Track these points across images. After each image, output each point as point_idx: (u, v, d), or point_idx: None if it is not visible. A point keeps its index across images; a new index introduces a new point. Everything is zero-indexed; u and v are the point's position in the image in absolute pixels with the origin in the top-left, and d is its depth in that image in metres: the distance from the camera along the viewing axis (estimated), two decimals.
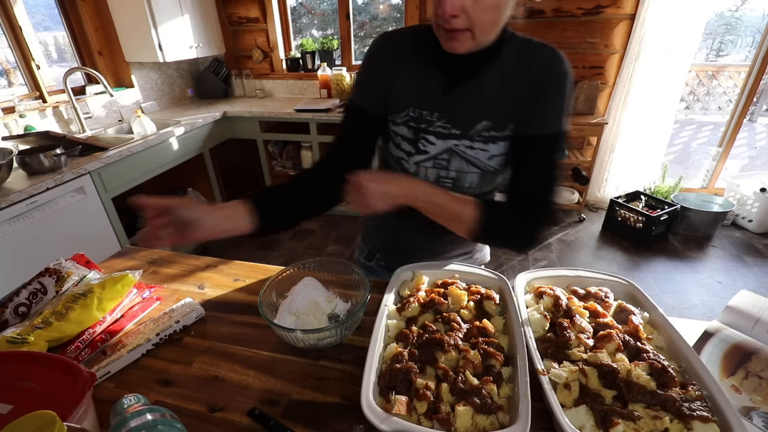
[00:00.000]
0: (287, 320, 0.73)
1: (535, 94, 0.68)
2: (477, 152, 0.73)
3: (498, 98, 0.69)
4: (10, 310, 0.77)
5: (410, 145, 0.76)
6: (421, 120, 0.73)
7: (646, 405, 0.54)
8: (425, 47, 0.71)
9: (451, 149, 0.74)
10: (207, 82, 3.29)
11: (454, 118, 0.71)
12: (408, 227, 0.88)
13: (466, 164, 0.74)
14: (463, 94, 0.70)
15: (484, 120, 0.70)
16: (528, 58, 0.68)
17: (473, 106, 0.70)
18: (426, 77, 0.72)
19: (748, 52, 6.53)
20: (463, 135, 0.72)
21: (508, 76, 0.68)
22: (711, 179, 3.13)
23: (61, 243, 1.77)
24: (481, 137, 0.72)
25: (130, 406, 0.47)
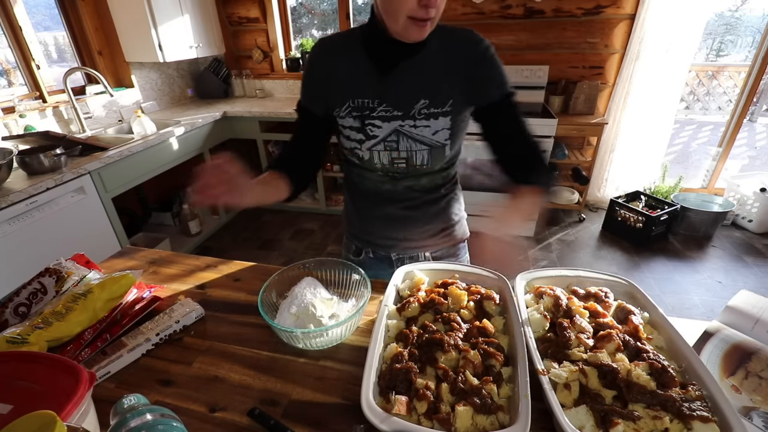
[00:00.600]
0: (287, 320, 0.73)
1: (472, 67, 0.77)
2: (421, 129, 0.79)
3: (432, 76, 0.77)
4: (10, 310, 0.77)
5: (359, 133, 0.81)
6: (364, 108, 0.79)
7: (646, 405, 0.54)
8: (356, 44, 0.79)
9: (397, 130, 0.79)
10: (207, 82, 3.29)
11: (394, 101, 0.78)
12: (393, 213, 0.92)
13: (414, 143, 0.80)
14: (398, 77, 0.77)
15: (422, 98, 0.77)
16: (450, 38, 0.78)
17: (409, 87, 0.77)
18: (360, 69, 0.79)
19: (748, 52, 6.52)
20: (405, 115, 0.78)
21: (437, 56, 0.77)
22: (711, 179, 3.13)
23: (61, 243, 1.77)
24: (422, 114, 0.78)
25: (130, 406, 0.47)
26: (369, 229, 0.97)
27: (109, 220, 2.02)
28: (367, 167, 0.86)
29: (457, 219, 0.99)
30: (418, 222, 0.93)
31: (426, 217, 0.93)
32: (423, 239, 0.95)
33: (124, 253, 1.08)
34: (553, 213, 3.14)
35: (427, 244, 0.97)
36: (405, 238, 0.95)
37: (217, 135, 2.85)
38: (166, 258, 1.05)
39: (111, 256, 1.06)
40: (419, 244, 0.96)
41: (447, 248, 1.00)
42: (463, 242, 1.03)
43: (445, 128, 0.79)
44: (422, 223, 0.93)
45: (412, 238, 0.95)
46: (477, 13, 2.82)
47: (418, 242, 0.96)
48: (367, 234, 0.98)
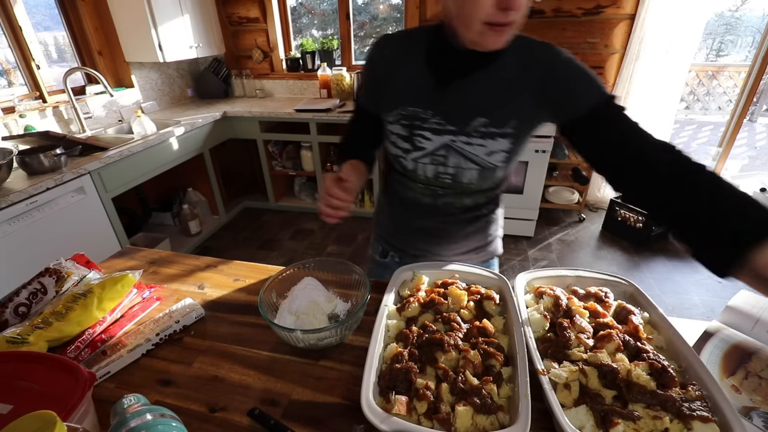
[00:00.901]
0: (287, 320, 0.73)
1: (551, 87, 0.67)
2: (475, 148, 0.73)
3: (497, 94, 0.70)
4: (10, 310, 0.77)
5: (405, 142, 0.78)
6: (415, 117, 0.75)
7: (646, 405, 0.54)
8: (418, 48, 0.73)
9: (448, 145, 0.74)
10: (207, 82, 3.29)
11: (449, 115, 0.73)
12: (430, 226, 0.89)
13: (463, 160, 0.75)
14: (459, 90, 0.71)
15: (481, 117, 0.71)
16: (527, 53, 0.69)
17: (469, 103, 0.71)
18: (418, 76, 0.74)
19: (748, 52, 6.52)
20: (459, 131, 0.73)
21: (508, 72, 0.69)
22: None
23: (61, 243, 1.77)
24: (479, 133, 0.72)
25: (130, 406, 0.47)
26: (401, 237, 0.95)
27: (109, 220, 2.02)
28: (410, 177, 0.83)
29: (491, 239, 0.95)
30: (453, 238, 0.90)
31: (461, 235, 0.90)
32: (454, 255, 0.93)
33: (124, 253, 1.08)
34: (553, 213, 3.14)
35: (457, 259, 0.92)
36: (436, 253, 0.92)
37: (217, 135, 2.85)
38: (166, 258, 1.05)
39: (111, 256, 1.06)
40: (449, 259, 0.93)
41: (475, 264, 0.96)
42: (493, 258, 0.98)
43: (501, 150, 0.73)
44: (456, 240, 0.91)
45: (443, 253, 0.92)
46: None
47: (448, 256, 0.93)
48: (398, 241, 0.97)
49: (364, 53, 3.36)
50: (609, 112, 0.66)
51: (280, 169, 3.20)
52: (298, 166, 3.17)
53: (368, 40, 3.38)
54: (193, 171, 2.86)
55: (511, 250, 2.72)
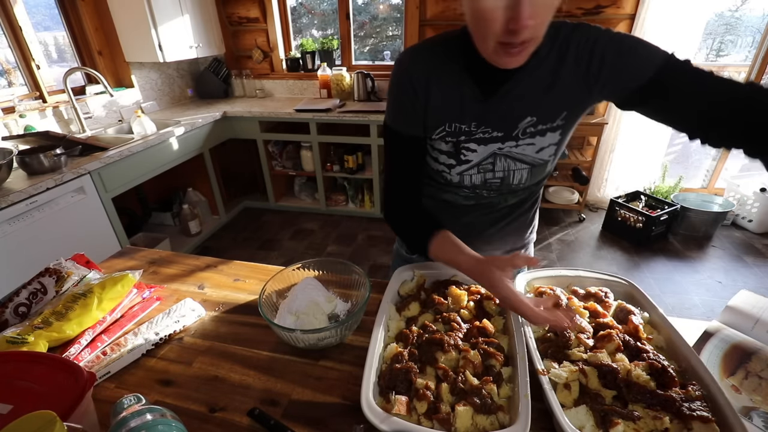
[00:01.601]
0: (287, 320, 0.73)
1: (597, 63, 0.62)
2: (524, 148, 0.70)
3: (542, 92, 0.66)
4: (10, 310, 0.77)
5: (450, 158, 0.73)
6: (459, 133, 0.70)
7: (646, 405, 0.54)
8: (454, 58, 0.67)
9: (495, 153, 0.71)
10: (207, 82, 3.29)
11: (496, 123, 0.69)
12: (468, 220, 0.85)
13: (513, 162, 0.72)
14: (502, 98, 0.67)
15: (528, 116, 0.67)
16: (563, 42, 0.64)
17: (513, 108, 0.67)
18: (460, 89, 0.68)
19: (748, 52, 6.51)
20: (506, 137, 0.69)
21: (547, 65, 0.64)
22: (711, 179, 3.13)
23: (61, 243, 1.77)
24: (527, 133, 0.69)
25: (130, 406, 0.47)
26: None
27: (109, 220, 2.02)
28: (453, 186, 0.78)
29: (526, 242, 0.92)
30: (490, 238, 0.87)
31: (498, 235, 0.87)
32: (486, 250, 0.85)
33: (124, 253, 1.08)
34: (553, 213, 3.14)
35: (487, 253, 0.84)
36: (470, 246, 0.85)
37: (217, 135, 2.85)
38: (166, 258, 1.05)
39: (111, 256, 1.06)
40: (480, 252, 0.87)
41: None
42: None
43: (551, 144, 0.70)
44: (492, 241, 0.87)
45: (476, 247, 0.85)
46: None
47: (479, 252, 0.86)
48: None
49: (364, 53, 3.36)
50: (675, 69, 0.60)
51: (280, 169, 3.20)
52: (298, 166, 3.17)
53: (368, 40, 3.38)
54: (193, 171, 2.86)
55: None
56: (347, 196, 3.23)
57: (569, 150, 2.98)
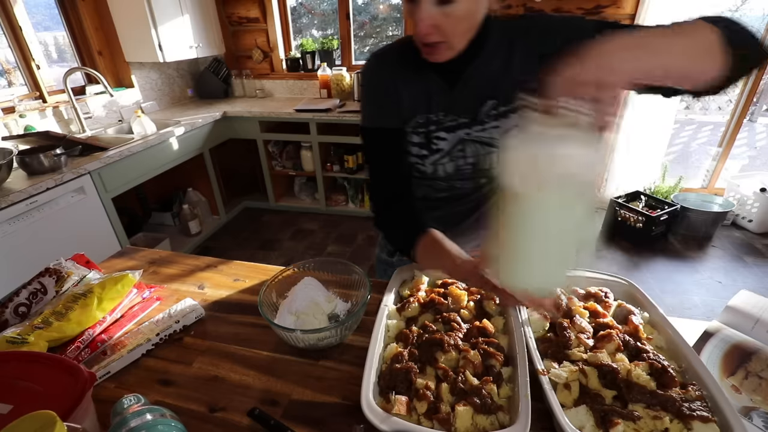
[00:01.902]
0: (287, 320, 0.73)
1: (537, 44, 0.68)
2: (490, 131, 0.74)
3: (498, 76, 0.71)
4: (10, 310, 0.77)
5: (422, 149, 0.78)
6: (429, 123, 0.75)
7: (646, 405, 0.54)
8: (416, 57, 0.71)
9: (463, 138, 0.75)
10: (207, 82, 3.29)
11: (460, 110, 0.74)
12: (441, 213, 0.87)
13: (481, 147, 0.76)
14: (465, 85, 0.72)
15: (489, 100, 0.72)
16: (511, 29, 0.71)
17: (475, 92, 0.73)
18: (426, 83, 0.74)
19: None
20: (472, 122, 0.74)
21: (499, 51, 0.70)
22: (711, 179, 3.13)
23: (61, 243, 1.77)
24: (491, 116, 0.73)
25: (130, 406, 0.47)
26: None
27: (109, 220, 2.02)
28: (427, 178, 0.82)
29: None
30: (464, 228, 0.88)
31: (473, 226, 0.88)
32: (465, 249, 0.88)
33: (124, 253, 1.08)
34: None
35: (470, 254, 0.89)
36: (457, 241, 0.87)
37: (217, 135, 2.85)
38: (166, 258, 1.05)
39: (111, 256, 1.06)
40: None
41: None
42: None
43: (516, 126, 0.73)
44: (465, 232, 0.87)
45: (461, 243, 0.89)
46: None
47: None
48: None
49: (364, 53, 3.36)
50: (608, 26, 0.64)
51: (280, 169, 3.20)
52: (298, 166, 3.17)
53: (368, 40, 3.38)
54: (193, 171, 2.86)
55: None
56: (347, 196, 3.23)
57: None
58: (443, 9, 0.59)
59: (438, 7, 0.59)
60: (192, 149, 2.62)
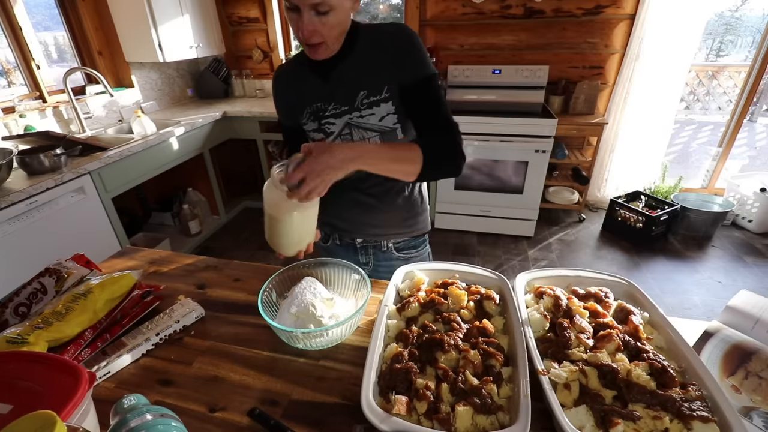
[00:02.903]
0: (287, 320, 0.73)
1: (398, 55, 0.83)
2: (368, 118, 0.87)
3: (366, 69, 0.85)
4: (10, 310, 0.77)
5: (319, 133, 0.91)
6: (318, 110, 0.90)
7: (646, 405, 0.54)
8: (303, 62, 0.90)
9: (349, 123, 0.88)
10: (207, 82, 3.29)
11: (340, 98, 0.88)
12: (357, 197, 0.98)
13: (365, 132, 0.88)
14: (339, 78, 0.87)
15: (361, 90, 0.86)
16: (378, 34, 0.85)
17: (350, 83, 0.86)
18: (309, 80, 0.90)
19: (748, 52, 6.52)
20: (351, 108, 0.87)
21: (368, 50, 0.85)
22: (711, 179, 3.13)
23: (61, 243, 1.77)
24: (365, 104, 0.86)
25: (130, 406, 0.47)
26: (335, 212, 1.02)
27: (109, 220, 2.02)
28: None
29: (419, 210, 1.04)
30: (381, 208, 0.98)
31: (388, 205, 0.99)
32: (386, 227, 1.01)
33: (124, 253, 1.08)
34: (553, 213, 3.14)
35: (390, 232, 1.02)
36: (368, 223, 1.00)
37: (217, 135, 2.85)
38: (166, 258, 1.05)
39: (111, 256, 1.06)
40: (383, 232, 1.02)
41: (409, 240, 1.05)
42: (424, 236, 1.09)
43: (389, 113, 0.86)
44: (384, 210, 0.99)
45: (375, 224, 1.00)
46: (477, 13, 2.82)
47: (381, 229, 1.01)
48: (333, 218, 1.04)
49: None
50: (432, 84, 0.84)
51: None
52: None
53: None
54: (193, 171, 2.86)
55: (511, 250, 2.72)
56: None
57: (569, 150, 2.98)
58: (320, 18, 0.74)
59: (317, 17, 0.73)
60: (192, 149, 2.62)
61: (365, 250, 1.05)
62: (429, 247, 1.12)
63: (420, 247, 1.08)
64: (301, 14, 0.73)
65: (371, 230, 1.02)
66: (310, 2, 0.71)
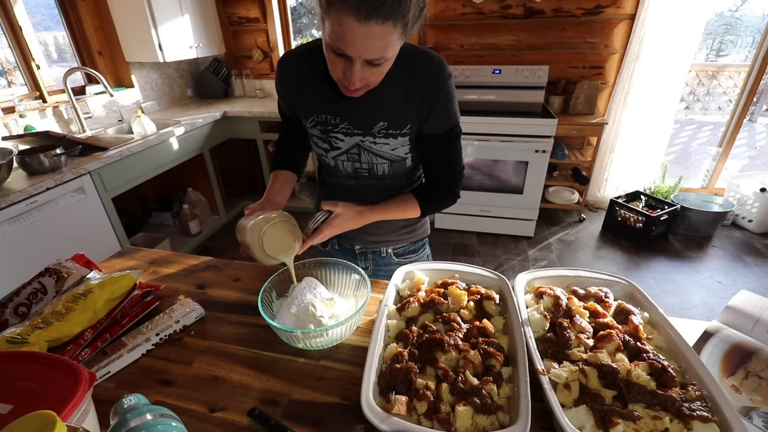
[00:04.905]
0: (287, 320, 0.73)
1: (428, 100, 0.78)
2: (381, 146, 0.84)
3: (390, 102, 0.79)
4: (10, 310, 0.77)
5: (324, 143, 0.88)
6: (327, 123, 0.84)
7: (646, 405, 0.54)
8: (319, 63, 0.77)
9: (359, 144, 0.85)
10: (207, 82, 3.29)
11: (354, 120, 0.82)
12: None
13: (374, 156, 0.86)
14: (357, 100, 0.77)
15: (381, 121, 0.81)
16: (411, 66, 0.77)
17: (368, 111, 0.81)
18: (323, 87, 0.81)
19: (748, 52, 6.52)
20: (365, 133, 0.83)
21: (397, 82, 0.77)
22: (711, 179, 3.13)
23: (61, 243, 1.77)
24: (381, 134, 0.83)
25: (130, 406, 0.47)
26: None
27: (109, 220, 2.02)
28: (333, 170, 0.94)
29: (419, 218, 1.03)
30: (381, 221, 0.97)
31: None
32: (385, 234, 1.00)
33: (124, 253, 1.08)
34: (553, 213, 3.14)
35: (389, 239, 1.02)
36: (368, 231, 0.98)
37: (217, 135, 2.85)
38: (166, 258, 1.05)
39: (111, 256, 1.06)
40: (382, 239, 1.01)
41: (409, 245, 1.05)
42: (423, 240, 1.08)
43: (404, 145, 0.85)
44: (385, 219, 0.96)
45: (374, 233, 0.99)
46: (477, 13, 2.82)
47: (380, 236, 1.01)
48: None
49: None
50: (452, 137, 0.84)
51: None
52: None
53: None
54: (193, 171, 2.86)
55: (511, 250, 2.72)
56: None
57: (569, 150, 2.98)
58: (371, 69, 0.66)
59: (368, 67, 0.66)
60: (192, 149, 2.62)
61: (364, 256, 1.05)
62: (429, 249, 1.12)
63: (419, 252, 1.08)
64: (351, 63, 0.64)
65: (370, 238, 1.01)
66: (368, 57, 0.63)
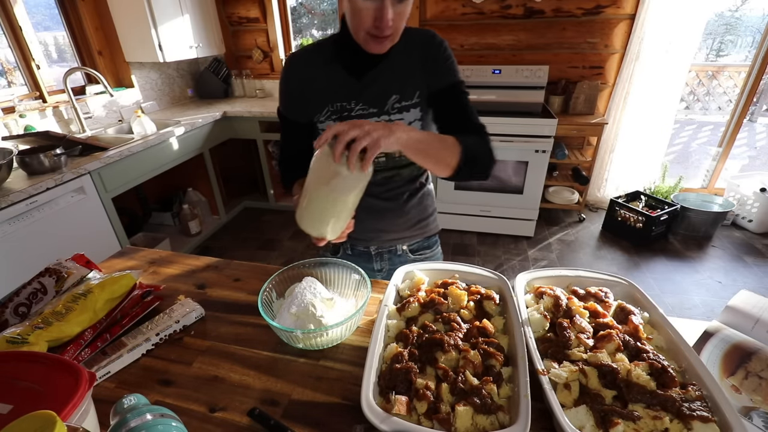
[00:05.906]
0: (287, 320, 0.73)
1: (428, 61, 0.85)
2: None
3: (400, 73, 0.85)
4: (10, 310, 0.77)
5: None
6: (342, 110, 0.87)
7: (646, 405, 0.54)
8: (328, 54, 0.86)
9: None
10: (207, 82, 3.29)
11: (369, 100, 0.85)
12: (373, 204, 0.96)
13: None
14: (371, 78, 0.85)
15: (394, 94, 0.85)
16: (410, 38, 0.84)
17: (382, 86, 0.85)
18: (336, 75, 0.86)
19: (748, 52, 6.52)
20: (380, 111, 0.86)
21: (402, 54, 0.84)
22: (711, 179, 3.13)
23: (61, 243, 1.77)
24: (395, 109, 0.85)
25: (130, 406, 0.47)
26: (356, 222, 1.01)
27: (109, 220, 2.02)
28: None
29: (431, 211, 1.05)
30: (396, 213, 0.98)
31: (404, 209, 0.98)
32: (401, 230, 1.01)
33: (124, 253, 1.08)
34: (553, 213, 3.14)
35: (404, 236, 1.02)
36: (384, 229, 0.99)
37: (217, 135, 2.85)
38: (166, 258, 1.05)
39: (111, 256, 1.06)
40: (397, 236, 1.01)
41: (422, 241, 1.05)
42: (435, 235, 1.09)
43: (416, 119, 0.87)
44: (400, 215, 0.98)
45: (391, 230, 1.00)
46: (477, 13, 2.82)
47: (396, 233, 1.01)
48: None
49: None
50: (461, 92, 0.86)
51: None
52: None
53: None
54: (193, 171, 2.86)
55: (511, 250, 2.72)
56: None
57: (569, 150, 2.98)
58: (397, 8, 0.71)
59: (396, 4, 0.70)
60: (192, 149, 2.62)
61: (380, 257, 1.04)
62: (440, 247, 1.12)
63: (434, 247, 1.08)
64: (381, 4, 0.69)
65: (386, 236, 1.00)
66: None
